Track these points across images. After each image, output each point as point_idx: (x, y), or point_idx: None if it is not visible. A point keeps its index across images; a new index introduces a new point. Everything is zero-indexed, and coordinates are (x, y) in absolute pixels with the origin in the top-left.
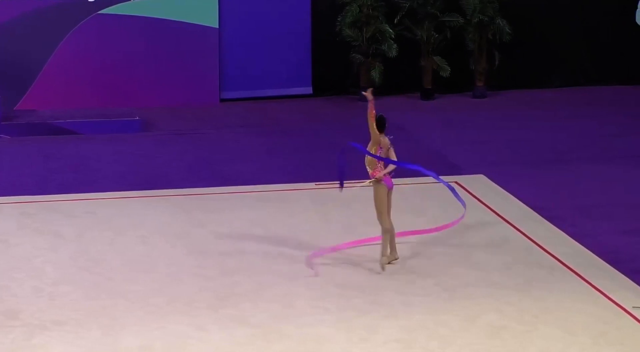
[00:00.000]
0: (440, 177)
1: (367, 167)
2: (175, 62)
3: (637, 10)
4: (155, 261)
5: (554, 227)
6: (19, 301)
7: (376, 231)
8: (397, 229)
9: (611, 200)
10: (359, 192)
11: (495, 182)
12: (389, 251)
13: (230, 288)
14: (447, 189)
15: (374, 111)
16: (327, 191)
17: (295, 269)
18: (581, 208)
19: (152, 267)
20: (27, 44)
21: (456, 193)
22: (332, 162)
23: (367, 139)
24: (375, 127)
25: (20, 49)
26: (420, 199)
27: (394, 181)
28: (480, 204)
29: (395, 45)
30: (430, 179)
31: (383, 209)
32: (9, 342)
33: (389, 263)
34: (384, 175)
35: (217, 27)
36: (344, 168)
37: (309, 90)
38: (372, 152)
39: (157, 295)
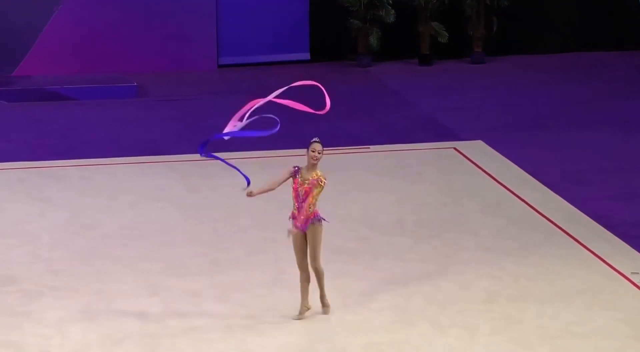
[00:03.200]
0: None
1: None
2: (174, 28)
3: None
4: (148, 226)
5: (550, 192)
6: (14, 267)
7: None
8: (399, 195)
9: (604, 165)
10: (351, 159)
11: (492, 148)
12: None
13: (223, 253)
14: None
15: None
16: (326, 156)
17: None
18: (574, 173)
19: (146, 232)
20: (24, 11)
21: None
22: (329, 129)
23: (357, 109)
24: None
25: (17, 15)
26: (419, 164)
27: None
28: (478, 169)
29: (393, 11)
30: (428, 145)
31: (294, 248)
32: (6, 307)
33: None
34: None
35: None
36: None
37: (307, 56)
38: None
39: (151, 260)
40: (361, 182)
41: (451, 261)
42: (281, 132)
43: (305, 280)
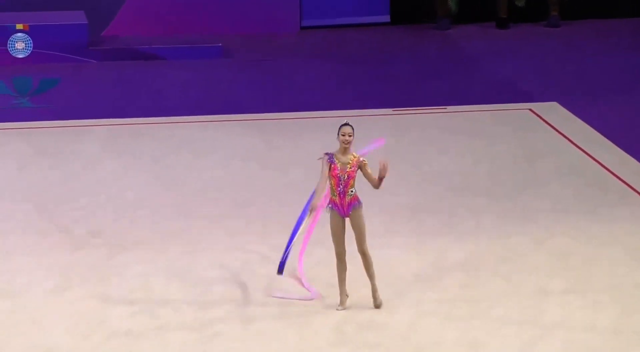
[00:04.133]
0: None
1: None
2: None
3: None
4: (233, 183)
5: (626, 154)
6: (101, 221)
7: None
8: (474, 155)
9: None
10: (428, 119)
11: (568, 110)
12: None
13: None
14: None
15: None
16: (404, 116)
17: (366, 193)
18: None
19: (231, 189)
20: None
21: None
22: (407, 89)
23: (435, 71)
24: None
25: None
26: (494, 125)
27: None
28: (553, 130)
29: None
30: (504, 106)
31: (333, 236)
32: (92, 261)
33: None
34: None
35: None
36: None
37: (387, 18)
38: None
39: (235, 217)
40: (437, 141)
41: (524, 220)
42: (357, 93)
43: (343, 270)
